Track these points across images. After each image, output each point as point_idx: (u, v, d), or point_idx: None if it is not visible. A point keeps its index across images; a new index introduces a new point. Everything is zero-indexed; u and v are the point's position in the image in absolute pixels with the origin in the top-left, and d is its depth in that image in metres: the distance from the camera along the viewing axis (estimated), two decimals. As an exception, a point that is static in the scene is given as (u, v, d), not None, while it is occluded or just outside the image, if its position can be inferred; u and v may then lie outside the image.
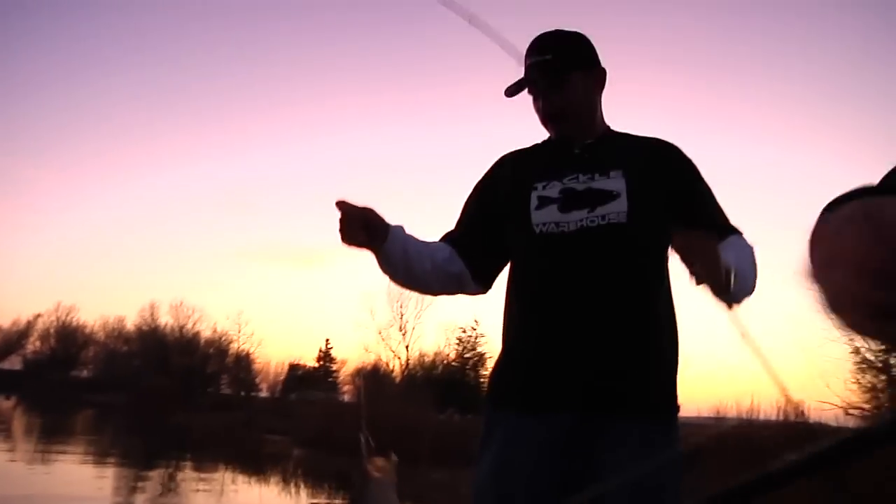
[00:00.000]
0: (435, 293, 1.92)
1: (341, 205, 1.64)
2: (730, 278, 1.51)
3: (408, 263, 1.76)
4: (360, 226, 1.67)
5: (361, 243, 1.70)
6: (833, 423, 12.78)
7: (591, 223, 1.70)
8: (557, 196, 1.75)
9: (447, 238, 1.90)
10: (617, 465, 1.63)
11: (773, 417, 12.87)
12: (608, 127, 1.88)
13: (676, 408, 1.73)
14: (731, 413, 13.41)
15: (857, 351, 14.10)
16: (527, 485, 1.68)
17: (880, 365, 13.97)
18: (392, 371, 34.56)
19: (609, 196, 1.72)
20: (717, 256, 1.47)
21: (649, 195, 1.73)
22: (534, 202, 1.76)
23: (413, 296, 33.83)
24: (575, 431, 1.66)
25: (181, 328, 44.62)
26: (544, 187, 1.77)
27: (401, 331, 34.83)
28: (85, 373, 50.12)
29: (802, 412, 12.47)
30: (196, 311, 44.90)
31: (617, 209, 1.70)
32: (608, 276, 1.68)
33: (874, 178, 0.76)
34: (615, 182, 1.73)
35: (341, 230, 1.67)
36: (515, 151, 1.93)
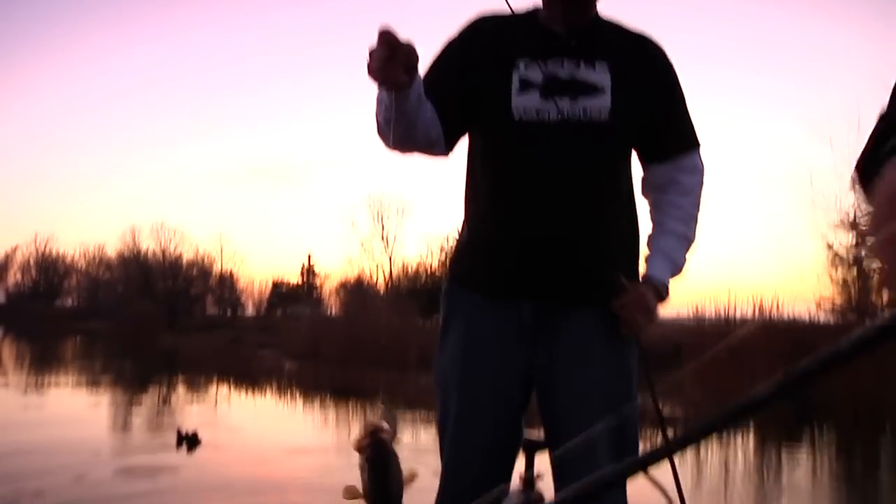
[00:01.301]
0: (417, 149, 1.70)
1: (387, 35, 1.36)
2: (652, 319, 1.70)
3: (416, 113, 1.57)
4: (405, 63, 1.41)
5: (398, 83, 1.43)
6: (806, 317, 13.22)
7: (572, 115, 1.64)
8: (539, 81, 1.67)
9: (430, 90, 1.69)
10: (577, 354, 1.69)
11: (750, 315, 13.12)
12: (598, 13, 1.77)
13: None
14: (710, 312, 13.65)
15: (829, 246, 14.45)
16: (491, 373, 1.71)
17: (852, 260, 14.35)
18: (376, 283, 34.84)
19: (593, 89, 1.67)
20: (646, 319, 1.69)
21: (632, 94, 1.68)
22: (515, 84, 1.68)
23: (393, 206, 33.87)
24: (538, 319, 1.69)
25: (163, 251, 44.45)
26: (526, 67, 1.69)
27: (383, 241, 34.94)
28: (69, 302, 50.17)
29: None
30: (177, 233, 44.66)
31: (600, 105, 1.66)
32: (582, 172, 1.66)
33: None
34: (600, 76, 1.67)
35: (380, 64, 1.38)
36: (494, 17, 1.78)
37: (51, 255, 50.74)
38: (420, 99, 1.55)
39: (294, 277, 46.42)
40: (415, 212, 35.66)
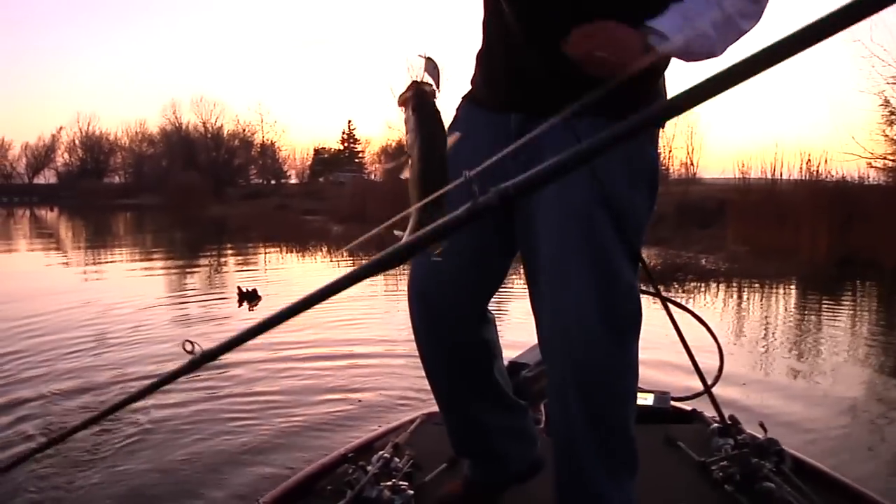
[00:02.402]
0: None
1: None
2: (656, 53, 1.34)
3: None
4: None
5: None
6: (854, 176, 12.89)
7: None
8: None
9: None
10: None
11: (796, 174, 12.93)
12: None
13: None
14: (756, 172, 13.45)
15: (886, 103, 13.93)
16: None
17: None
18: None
19: None
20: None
21: None
22: None
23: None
24: (523, 131, 1.45)
25: (204, 123, 44.71)
26: None
27: (421, 104, 34.63)
28: (116, 179, 51.18)
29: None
30: (217, 105, 44.77)
31: None
32: None
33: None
34: None
35: None
36: None
37: (95, 134, 51.54)
38: None
39: (335, 144, 46.50)
40: (453, 74, 34.84)
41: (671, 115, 1.10)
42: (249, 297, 7.10)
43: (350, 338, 5.53)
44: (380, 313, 6.75)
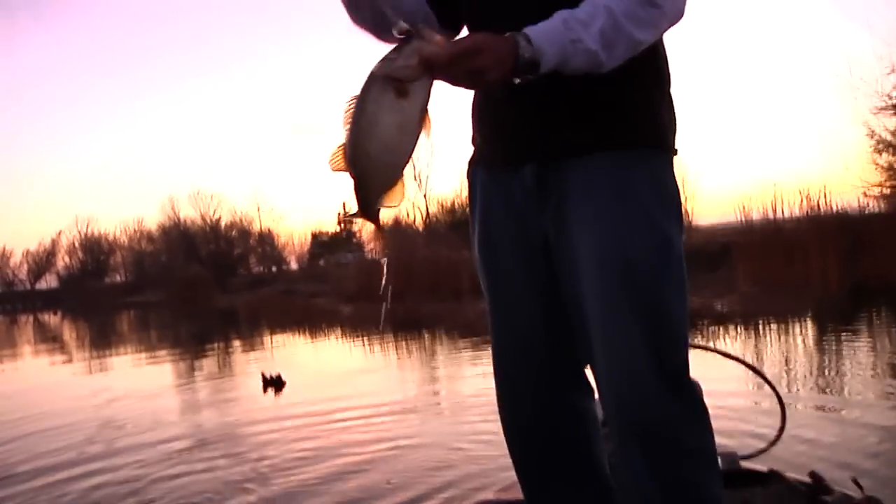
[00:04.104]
0: (373, 23, 1.53)
1: None
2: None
3: None
4: None
5: None
6: (854, 207, 13.15)
7: None
8: None
9: None
10: (582, 214, 1.43)
11: (797, 212, 13.09)
12: None
13: (658, 138, 1.47)
14: (757, 213, 13.63)
15: (872, 132, 14.27)
16: (509, 249, 1.56)
17: (896, 144, 14.15)
18: (413, 222, 35.11)
19: None
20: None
21: None
22: None
23: (424, 145, 33.72)
24: (542, 181, 1.48)
25: (203, 217, 45.09)
26: None
27: (416, 180, 35.05)
28: (118, 278, 51.27)
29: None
30: (214, 197, 45.20)
31: None
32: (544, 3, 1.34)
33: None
34: None
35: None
36: None
37: (94, 235, 51.94)
38: None
39: (332, 227, 46.81)
40: (445, 148, 35.45)
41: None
42: (275, 384, 7.04)
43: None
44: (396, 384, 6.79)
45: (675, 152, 1.50)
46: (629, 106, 1.43)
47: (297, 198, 63.36)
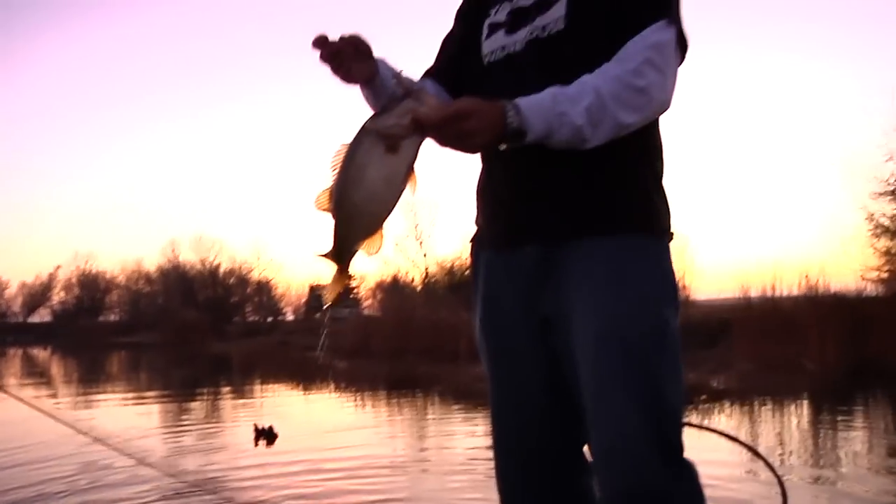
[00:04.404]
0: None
1: (324, 40, 1.38)
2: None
3: None
4: (360, 56, 1.42)
5: (364, 76, 1.46)
6: (852, 289, 13.29)
7: (532, 38, 1.53)
8: (505, 19, 1.60)
9: (428, 74, 1.72)
10: (583, 295, 1.47)
11: (796, 292, 13.21)
12: None
13: (654, 225, 1.53)
14: (755, 291, 13.74)
15: (871, 217, 14.50)
16: (511, 328, 1.59)
17: (894, 229, 14.36)
18: (412, 281, 35.17)
19: (549, 3, 1.52)
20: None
21: None
22: (485, 32, 1.63)
23: (426, 204, 34.17)
24: (544, 262, 1.52)
25: (202, 262, 45.22)
26: (496, 12, 1.63)
27: (417, 240, 35.23)
28: (112, 317, 51.13)
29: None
30: (215, 243, 45.42)
31: (555, 15, 1.50)
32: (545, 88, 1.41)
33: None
34: None
35: (337, 67, 1.41)
36: None
37: (91, 272, 51.93)
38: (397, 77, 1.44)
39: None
40: (447, 208, 35.78)
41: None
42: (267, 435, 6.97)
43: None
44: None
45: (670, 236, 1.56)
46: (622, 192, 1.50)
47: (298, 249, 63.55)
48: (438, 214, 35.51)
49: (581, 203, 1.49)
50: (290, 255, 68.53)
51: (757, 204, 44.83)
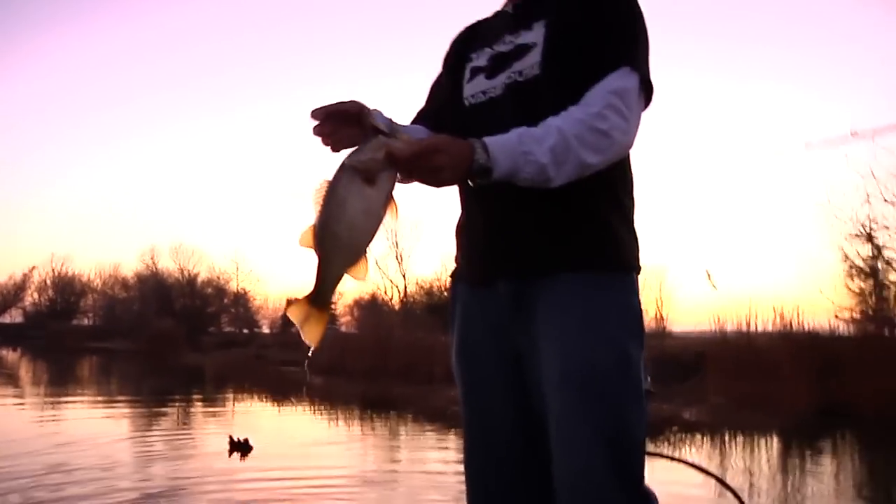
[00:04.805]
0: None
1: (321, 112, 1.45)
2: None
3: None
4: (345, 122, 1.47)
5: (354, 142, 1.49)
6: (826, 327, 13.48)
7: (510, 82, 1.61)
8: (486, 63, 1.68)
9: (419, 116, 1.82)
10: (549, 328, 1.53)
11: (770, 328, 13.36)
12: None
13: (621, 262, 1.59)
14: (731, 325, 13.89)
15: (846, 257, 14.76)
16: (483, 362, 1.66)
17: (868, 270, 14.64)
18: (391, 300, 35.13)
19: (526, 49, 1.61)
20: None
21: (567, 39, 1.57)
22: (467, 75, 1.72)
23: (407, 224, 34.23)
24: (516, 298, 1.59)
25: (181, 270, 44.90)
26: (477, 57, 1.72)
27: (397, 260, 35.25)
28: (86, 321, 50.50)
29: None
30: (195, 252, 45.11)
31: (531, 61, 1.59)
32: None
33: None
34: (535, 34, 1.61)
35: (334, 138, 1.47)
36: (472, 24, 1.86)
37: (67, 275, 51.29)
38: None
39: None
40: (428, 229, 35.84)
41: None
42: (241, 448, 6.95)
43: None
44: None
45: (637, 270, 1.62)
46: (589, 231, 1.57)
47: (277, 262, 63.32)
48: (419, 235, 35.53)
49: (548, 241, 1.56)
50: (268, 267, 68.40)
51: (735, 238, 45.35)
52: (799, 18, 44.04)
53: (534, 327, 1.55)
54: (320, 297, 1.42)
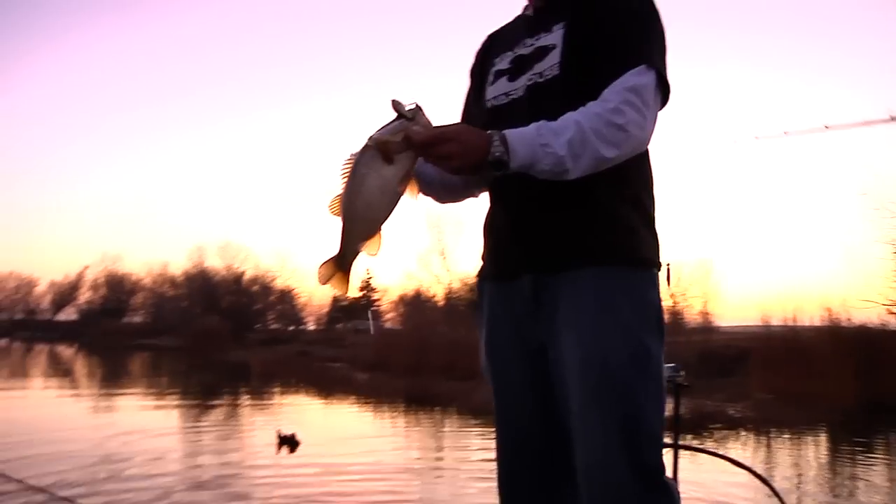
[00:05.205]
0: (461, 195, 1.82)
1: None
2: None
3: (433, 176, 1.68)
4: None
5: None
6: (875, 322, 13.20)
7: (529, 82, 1.65)
8: (508, 66, 1.73)
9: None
10: (570, 321, 1.56)
11: (818, 321, 13.20)
12: None
13: (640, 257, 1.62)
14: (777, 321, 13.73)
15: (896, 251, 14.38)
16: (510, 358, 1.69)
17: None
18: (434, 296, 35.28)
19: (546, 51, 1.65)
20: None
21: (587, 42, 1.61)
22: (490, 78, 1.76)
23: (451, 220, 34.31)
24: (539, 292, 1.62)
25: (228, 268, 45.66)
26: (500, 61, 1.76)
27: (441, 255, 35.38)
28: (136, 318, 51.63)
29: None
30: (241, 250, 45.85)
31: (550, 62, 1.63)
32: None
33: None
34: (554, 36, 1.65)
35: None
36: (496, 30, 1.90)
37: (118, 273, 52.58)
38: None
39: (353, 292, 47.02)
40: (472, 226, 35.81)
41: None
42: (289, 442, 7.08)
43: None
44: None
45: (658, 266, 1.65)
46: (608, 226, 1.59)
47: (323, 259, 63.89)
48: (463, 231, 35.56)
49: (569, 236, 1.59)
50: (314, 264, 69.12)
51: (783, 232, 44.57)
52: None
53: (556, 320, 1.58)
54: (343, 260, 1.51)
